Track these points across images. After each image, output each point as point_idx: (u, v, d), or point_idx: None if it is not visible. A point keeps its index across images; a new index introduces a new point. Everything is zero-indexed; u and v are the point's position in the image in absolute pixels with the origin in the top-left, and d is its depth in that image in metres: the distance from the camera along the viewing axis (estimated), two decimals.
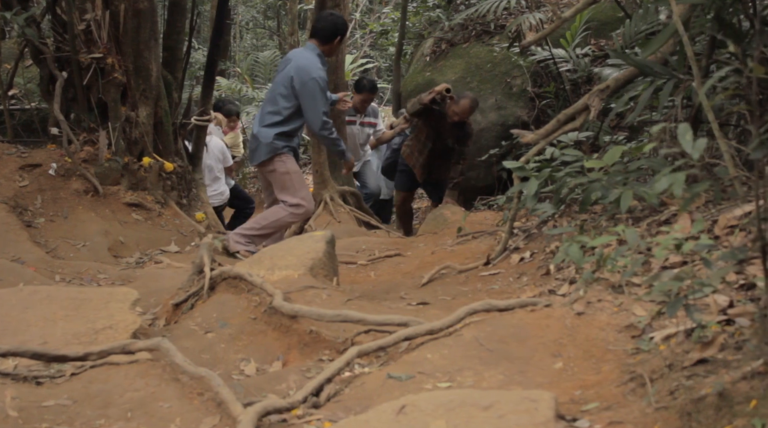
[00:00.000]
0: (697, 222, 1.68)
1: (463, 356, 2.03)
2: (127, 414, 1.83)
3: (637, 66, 3.00)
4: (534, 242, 3.18)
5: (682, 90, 3.20)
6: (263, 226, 4.26)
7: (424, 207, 10.21)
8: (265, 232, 4.29)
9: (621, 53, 3.22)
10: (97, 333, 2.22)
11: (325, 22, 4.32)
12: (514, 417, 1.55)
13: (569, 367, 1.93)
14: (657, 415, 1.56)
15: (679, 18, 2.59)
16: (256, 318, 2.51)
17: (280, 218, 4.31)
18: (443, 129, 5.35)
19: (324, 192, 6.25)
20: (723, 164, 2.58)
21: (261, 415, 1.74)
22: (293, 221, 4.48)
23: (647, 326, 1.96)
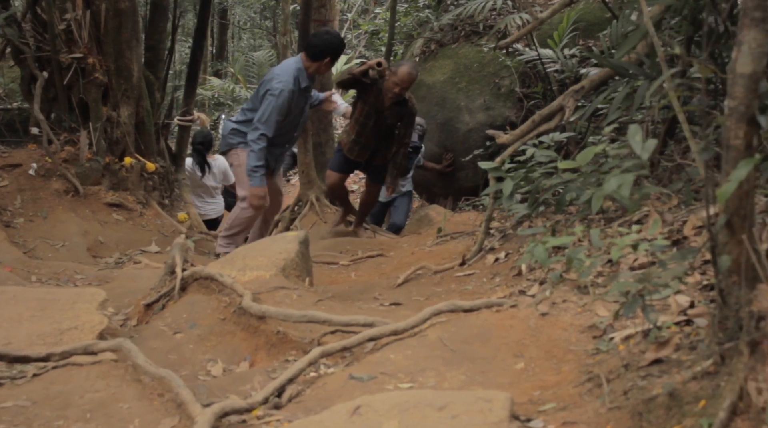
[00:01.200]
0: (654, 223, 1.68)
1: (427, 356, 2.03)
2: (86, 415, 1.83)
3: (612, 67, 3.01)
4: (509, 243, 3.18)
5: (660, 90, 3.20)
6: (230, 226, 4.27)
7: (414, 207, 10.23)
8: (233, 231, 4.25)
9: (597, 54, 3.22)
10: (62, 334, 2.21)
11: (319, 39, 4.32)
12: (467, 418, 1.55)
13: (530, 367, 1.93)
14: (610, 415, 1.57)
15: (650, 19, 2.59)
16: (226, 319, 2.50)
17: (237, 214, 4.28)
18: (382, 106, 4.80)
19: (310, 193, 6.25)
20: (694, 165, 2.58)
21: (219, 416, 1.74)
22: (247, 215, 4.32)
23: (609, 326, 1.96)
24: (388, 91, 4.63)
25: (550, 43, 6.65)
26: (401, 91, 4.61)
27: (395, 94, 4.62)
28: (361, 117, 4.84)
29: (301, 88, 4.11)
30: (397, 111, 4.79)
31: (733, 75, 1.30)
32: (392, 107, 4.75)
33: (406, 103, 4.78)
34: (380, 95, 4.70)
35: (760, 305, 1.39)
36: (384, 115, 4.79)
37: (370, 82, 4.66)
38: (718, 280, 1.47)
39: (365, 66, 4.63)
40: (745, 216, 1.38)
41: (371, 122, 4.82)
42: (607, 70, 3.12)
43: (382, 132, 4.89)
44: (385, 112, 4.78)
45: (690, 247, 1.93)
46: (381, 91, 4.69)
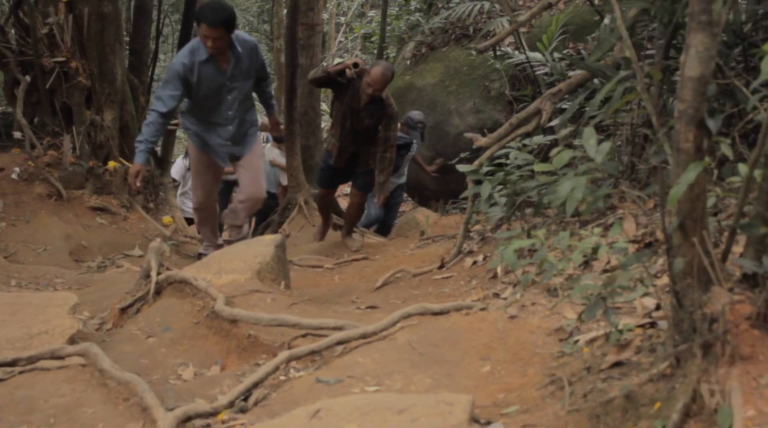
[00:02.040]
0: (615, 226, 1.68)
1: (395, 359, 2.03)
2: (50, 420, 1.82)
3: (588, 70, 3.01)
4: (488, 246, 3.19)
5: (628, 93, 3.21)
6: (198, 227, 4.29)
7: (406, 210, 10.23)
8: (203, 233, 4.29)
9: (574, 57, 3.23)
10: (31, 338, 2.20)
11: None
12: (427, 421, 1.55)
13: (496, 370, 1.93)
14: (569, 418, 1.57)
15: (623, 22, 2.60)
16: (199, 323, 2.50)
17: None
18: (358, 105, 4.63)
19: (299, 195, 6.26)
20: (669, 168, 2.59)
21: (181, 420, 1.73)
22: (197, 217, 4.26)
23: (575, 329, 1.97)
24: (363, 91, 4.53)
25: (540, 46, 6.66)
26: (374, 91, 4.50)
27: (369, 94, 4.52)
28: (339, 117, 4.73)
29: (202, 61, 3.80)
30: (372, 111, 4.65)
31: (681, 78, 1.31)
32: (367, 107, 4.62)
33: (382, 102, 4.64)
34: (356, 95, 4.59)
35: (713, 308, 1.39)
36: (360, 115, 4.65)
37: (345, 82, 4.55)
38: (673, 282, 1.48)
39: (341, 65, 4.52)
40: (697, 219, 1.38)
41: (348, 122, 4.69)
42: (585, 73, 3.13)
43: (360, 133, 4.75)
44: (361, 112, 4.64)
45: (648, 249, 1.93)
46: (357, 91, 4.57)
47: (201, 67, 3.80)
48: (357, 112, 4.64)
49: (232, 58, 3.87)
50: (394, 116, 4.76)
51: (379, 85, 4.46)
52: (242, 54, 3.91)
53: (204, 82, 3.84)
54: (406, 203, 10.94)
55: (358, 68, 4.48)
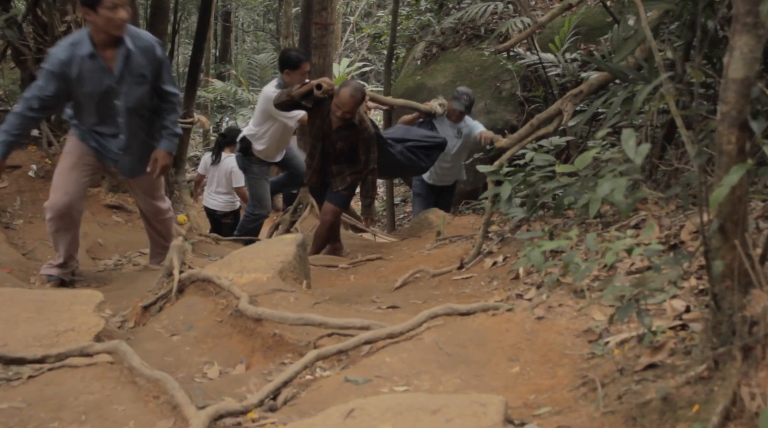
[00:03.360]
0: (648, 228, 1.68)
1: (422, 360, 2.03)
2: (81, 417, 1.83)
3: (610, 71, 3.01)
4: (507, 247, 3.18)
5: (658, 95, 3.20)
6: None
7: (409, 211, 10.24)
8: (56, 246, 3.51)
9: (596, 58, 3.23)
10: (58, 336, 2.21)
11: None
12: (461, 421, 1.55)
13: (525, 371, 1.93)
14: (604, 419, 1.56)
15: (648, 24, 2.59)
16: (222, 321, 2.51)
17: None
18: (329, 129, 4.33)
19: (310, 196, 6.25)
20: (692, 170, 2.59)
21: (213, 418, 1.74)
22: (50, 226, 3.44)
23: (604, 330, 1.96)
24: (333, 114, 4.22)
25: (552, 47, 6.66)
26: (344, 114, 4.17)
27: (338, 118, 4.21)
28: (311, 139, 4.46)
29: (85, 55, 3.20)
30: (345, 135, 4.34)
31: (725, 80, 1.31)
32: (339, 131, 4.33)
33: (354, 127, 4.31)
34: (327, 118, 4.29)
35: (753, 310, 1.39)
36: (331, 138, 4.36)
37: (312, 106, 4.25)
38: (711, 285, 1.47)
39: (305, 87, 4.19)
40: (738, 221, 1.38)
41: (319, 145, 4.42)
42: (606, 75, 3.12)
43: (333, 156, 4.46)
44: (332, 136, 4.34)
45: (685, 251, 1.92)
46: (328, 113, 4.27)
47: (83, 63, 3.22)
48: (328, 135, 4.36)
49: (119, 56, 3.26)
50: (371, 139, 4.44)
51: (348, 108, 4.15)
52: (133, 53, 3.29)
53: (86, 81, 3.26)
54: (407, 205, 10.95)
55: (322, 90, 4.16)
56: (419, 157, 4.92)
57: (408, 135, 4.97)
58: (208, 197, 5.91)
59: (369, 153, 4.46)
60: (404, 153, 4.83)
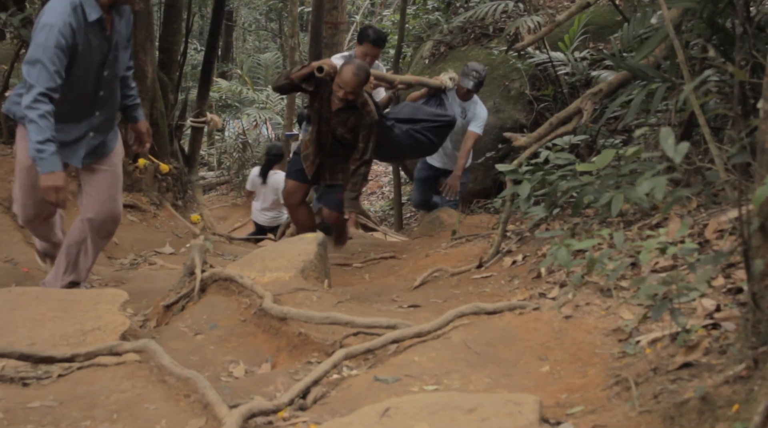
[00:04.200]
0: (682, 226, 1.68)
1: (451, 359, 2.03)
2: (113, 416, 1.83)
3: (630, 70, 3.00)
4: (526, 246, 3.18)
5: (676, 94, 3.20)
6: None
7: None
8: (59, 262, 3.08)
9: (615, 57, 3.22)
10: (85, 335, 2.21)
11: None
12: (497, 421, 1.55)
13: (556, 370, 1.93)
14: (640, 419, 1.56)
15: (671, 22, 2.59)
16: (246, 320, 2.51)
17: None
18: (328, 113, 4.03)
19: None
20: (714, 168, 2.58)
21: (246, 417, 1.74)
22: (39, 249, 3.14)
23: (634, 329, 1.96)
24: (334, 94, 3.94)
25: (561, 45, 6.65)
26: (346, 95, 3.86)
27: (340, 98, 3.89)
28: (312, 126, 4.18)
29: (88, 23, 2.69)
30: (345, 118, 4.03)
31: None
32: (339, 114, 4.03)
33: (356, 110, 4.00)
34: (327, 101, 4.01)
35: None
36: (330, 123, 4.06)
37: (312, 89, 4.00)
38: (750, 284, 1.47)
39: (306, 70, 3.93)
40: None
41: (315, 131, 4.12)
42: (625, 73, 3.12)
43: (330, 144, 4.16)
44: (331, 120, 4.04)
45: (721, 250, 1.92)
46: (329, 96, 4.00)
47: (90, 31, 2.71)
48: (327, 119, 4.07)
49: (116, 19, 2.82)
50: (373, 126, 4.08)
51: (350, 88, 3.85)
52: (123, 11, 2.89)
53: (86, 52, 2.73)
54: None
55: (324, 72, 3.88)
56: (427, 137, 4.53)
57: (416, 115, 4.59)
58: (257, 212, 6.14)
59: (368, 141, 4.09)
60: (411, 134, 4.46)
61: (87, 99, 2.88)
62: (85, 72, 2.78)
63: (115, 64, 2.90)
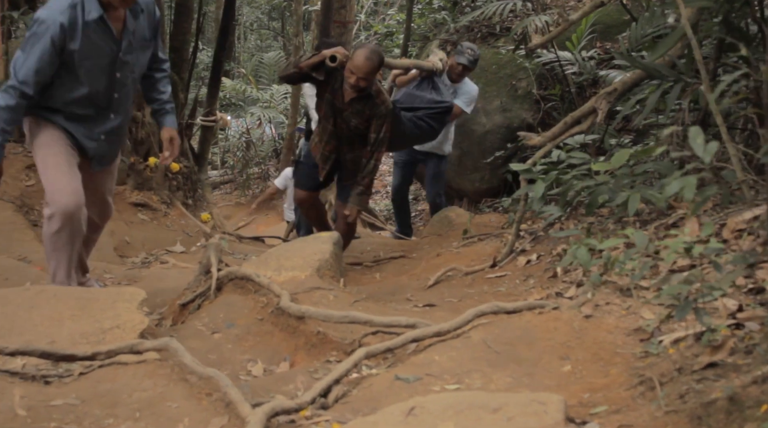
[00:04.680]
0: (707, 226, 1.68)
1: (471, 358, 2.03)
2: (135, 414, 1.83)
3: (644, 69, 3.00)
4: (540, 245, 3.18)
5: (690, 93, 3.20)
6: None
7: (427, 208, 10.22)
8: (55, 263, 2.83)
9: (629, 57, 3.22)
10: (104, 333, 2.22)
11: None
12: (523, 420, 1.55)
13: (577, 370, 1.93)
14: (667, 419, 1.56)
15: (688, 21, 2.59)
16: (263, 319, 2.51)
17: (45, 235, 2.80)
18: (341, 103, 3.81)
19: (328, 193, 6.26)
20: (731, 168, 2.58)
21: (269, 416, 1.74)
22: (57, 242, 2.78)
23: (656, 329, 1.96)
24: (346, 82, 3.70)
25: (569, 45, 6.65)
26: (358, 81, 3.63)
27: (352, 85, 3.65)
28: (322, 119, 3.96)
29: (91, 20, 2.60)
30: (359, 108, 3.80)
31: None
32: (353, 104, 3.78)
33: (371, 99, 3.77)
34: (339, 91, 3.78)
35: None
36: (344, 114, 3.82)
37: (323, 79, 3.77)
38: None
39: (316, 58, 3.70)
40: None
41: (330, 125, 3.90)
42: (639, 73, 3.12)
43: (345, 138, 3.93)
44: (345, 111, 3.80)
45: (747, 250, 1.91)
46: (340, 85, 3.78)
47: (88, 30, 2.60)
48: (340, 111, 3.83)
49: (129, 18, 2.72)
50: (387, 115, 3.86)
51: (363, 73, 3.61)
52: (139, 11, 2.77)
53: (89, 52, 2.62)
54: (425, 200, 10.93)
55: (336, 62, 3.66)
56: (428, 123, 4.39)
57: (415, 103, 4.44)
58: (288, 210, 6.17)
59: (381, 131, 3.85)
60: (414, 122, 4.33)
61: (102, 101, 2.81)
62: (94, 73, 2.70)
63: (128, 65, 2.78)
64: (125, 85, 2.83)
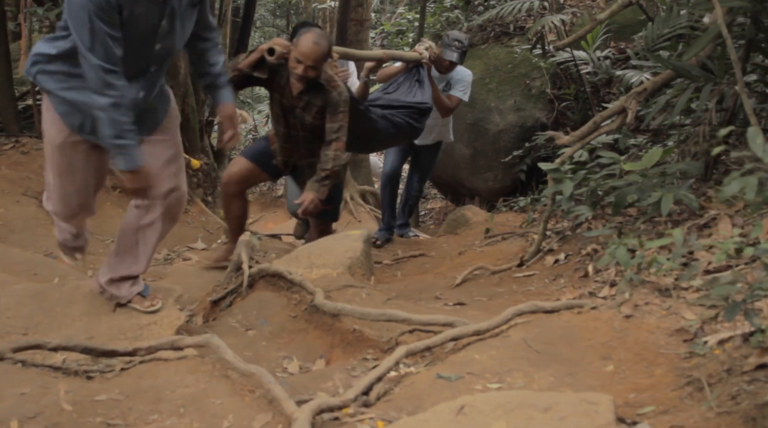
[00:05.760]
0: (756, 227, 1.67)
1: (512, 357, 2.02)
2: (180, 410, 1.83)
3: (675, 69, 2.99)
4: (568, 244, 3.17)
5: (717, 93, 3.19)
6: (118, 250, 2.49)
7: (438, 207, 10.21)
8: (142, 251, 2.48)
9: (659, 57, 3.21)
10: (141, 329, 2.22)
11: None
12: (575, 420, 1.54)
13: (620, 370, 1.92)
14: (719, 420, 1.55)
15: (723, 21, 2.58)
16: (297, 316, 2.51)
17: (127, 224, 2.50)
18: (290, 100, 3.38)
19: (344, 191, 6.27)
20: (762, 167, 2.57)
21: (315, 413, 1.74)
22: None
23: (699, 329, 1.95)
24: (292, 74, 3.28)
25: (583, 44, 6.64)
26: (306, 71, 3.21)
27: (300, 76, 3.23)
28: (274, 122, 3.58)
29: None
30: (310, 101, 3.37)
31: None
32: (302, 97, 3.36)
33: (321, 88, 3.35)
34: (286, 87, 3.36)
35: None
36: (295, 113, 3.39)
37: (266, 77, 3.37)
38: None
39: (254, 55, 3.30)
40: None
41: (282, 127, 3.49)
42: (668, 73, 3.11)
43: (302, 141, 3.49)
44: (295, 108, 3.37)
45: None
46: (287, 80, 3.37)
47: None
48: (291, 109, 3.40)
49: None
50: (342, 103, 3.38)
51: (311, 61, 3.19)
52: None
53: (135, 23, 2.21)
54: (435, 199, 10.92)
55: (276, 55, 3.24)
56: (405, 120, 4.00)
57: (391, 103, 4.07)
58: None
59: (335, 120, 3.35)
60: (389, 118, 3.92)
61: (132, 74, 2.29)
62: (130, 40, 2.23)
63: (171, 35, 2.30)
64: (162, 58, 2.35)
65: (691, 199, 2.66)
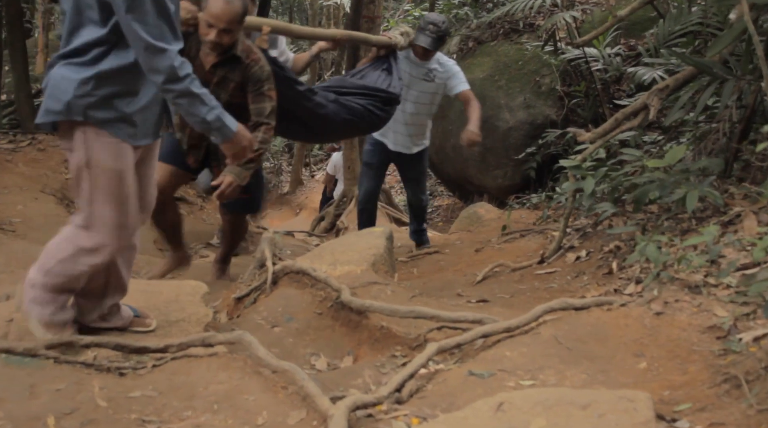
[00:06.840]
0: None
1: (543, 354, 2.02)
2: (213, 407, 1.83)
3: (698, 66, 2.98)
4: (589, 241, 3.17)
5: (736, 90, 3.18)
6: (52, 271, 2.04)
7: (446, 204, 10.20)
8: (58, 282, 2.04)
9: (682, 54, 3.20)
10: (170, 326, 2.22)
11: None
12: (614, 417, 1.54)
13: (653, 367, 1.92)
14: (761, 417, 1.55)
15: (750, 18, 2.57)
16: (322, 313, 2.51)
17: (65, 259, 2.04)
18: (203, 75, 2.89)
19: (355, 188, 6.26)
20: None
21: (351, 410, 1.74)
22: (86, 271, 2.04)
23: (732, 326, 1.95)
24: (204, 43, 2.87)
25: (594, 41, 6.62)
26: (220, 36, 2.79)
27: (213, 43, 2.81)
28: None
29: None
30: (225, 76, 2.96)
31: None
32: (217, 72, 2.95)
33: (239, 62, 2.94)
34: (197, 60, 2.93)
35: None
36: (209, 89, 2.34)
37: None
38: None
39: None
40: None
41: None
42: (691, 70, 3.10)
43: None
44: (209, 84, 2.86)
45: None
46: (197, 52, 2.96)
47: None
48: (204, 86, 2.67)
49: None
50: (265, 78, 2.95)
51: (225, 23, 2.77)
52: None
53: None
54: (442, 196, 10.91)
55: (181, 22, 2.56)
56: (365, 107, 3.49)
57: (345, 83, 3.62)
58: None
59: (260, 100, 2.94)
60: (343, 104, 3.43)
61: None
62: None
63: None
64: None
65: (716, 196, 2.65)
